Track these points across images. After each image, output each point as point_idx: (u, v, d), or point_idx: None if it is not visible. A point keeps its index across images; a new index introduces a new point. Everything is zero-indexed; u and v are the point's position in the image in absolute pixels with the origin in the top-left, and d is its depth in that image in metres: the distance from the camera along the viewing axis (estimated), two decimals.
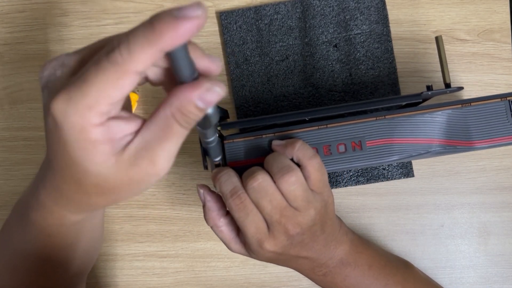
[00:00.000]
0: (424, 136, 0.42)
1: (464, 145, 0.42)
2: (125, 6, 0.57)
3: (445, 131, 0.42)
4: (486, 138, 0.42)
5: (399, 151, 0.42)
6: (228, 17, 0.56)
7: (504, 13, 0.56)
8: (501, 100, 0.42)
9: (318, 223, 0.41)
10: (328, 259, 0.44)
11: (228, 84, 0.56)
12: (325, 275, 0.45)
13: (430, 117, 0.42)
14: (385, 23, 0.55)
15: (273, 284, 0.57)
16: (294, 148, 0.39)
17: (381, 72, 0.55)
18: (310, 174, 0.39)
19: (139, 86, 0.57)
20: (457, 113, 0.42)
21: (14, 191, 0.57)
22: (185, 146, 0.57)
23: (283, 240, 0.40)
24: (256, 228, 0.39)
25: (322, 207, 0.41)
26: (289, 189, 0.38)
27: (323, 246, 0.43)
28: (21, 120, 0.57)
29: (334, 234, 0.43)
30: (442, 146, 0.42)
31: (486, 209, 0.56)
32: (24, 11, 0.57)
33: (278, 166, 0.39)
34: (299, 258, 0.43)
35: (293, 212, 0.39)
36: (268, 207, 0.38)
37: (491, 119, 0.42)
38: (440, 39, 0.44)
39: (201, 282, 0.57)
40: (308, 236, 0.41)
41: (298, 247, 0.41)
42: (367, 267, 0.46)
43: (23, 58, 0.57)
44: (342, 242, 0.45)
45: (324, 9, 0.55)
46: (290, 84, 0.56)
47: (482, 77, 0.56)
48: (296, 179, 0.38)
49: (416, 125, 0.42)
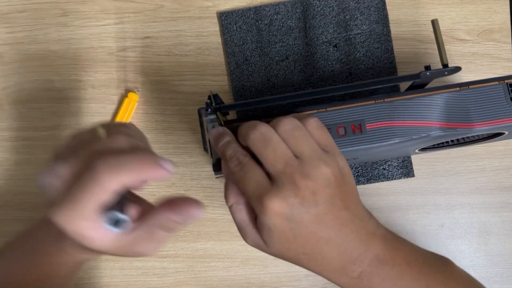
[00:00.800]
0: (424, 119, 0.42)
1: (464, 127, 0.42)
2: (125, 6, 0.57)
3: (444, 114, 0.42)
4: (485, 120, 0.42)
5: (400, 134, 0.42)
6: (228, 18, 0.56)
7: (504, 13, 0.56)
8: (499, 83, 0.42)
9: (335, 188, 0.35)
10: (361, 253, 0.37)
11: (228, 84, 0.57)
12: (361, 277, 0.37)
13: (429, 100, 0.42)
14: (385, 23, 0.55)
15: (273, 284, 0.57)
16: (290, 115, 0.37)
17: (381, 72, 0.55)
18: (311, 132, 0.36)
19: (138, 87, 0.57)
20: (455, 96, 0.42)
21: (14, 191, 0.57)
22: (185, 146, 0.57)
23: (290, 195, 0.34)
24: (256, 183, 0.35)
25: (337, 170, 0.35)
26: (289, 134, 0.35)
27: (352, 232, 0.36)
28: (21, 120, 0.57)
29: (363, 220, 0.37)
30: (442, 129, 0.42)
31: (486, 209, 0.56)
32: (24, 11, 0.57)
33: (278, 118, 0.37)
34: (322, 240, 0.36)
35: (299, 162, 0.35)
36: (270, 156, 0.35)
37: (489, 102, 0.42)
38: (436, 22, 0.44)
39: (201, 282, 0.57)
40: (324, 201, 0.35)
41: (314, 215, 0.35)
42: (405, 265, 0.39)
43: (23, 58, 0.57)
44: (375, 235, 0.38)
45: (324, 9, 0.55)
46: (290, 84, 0.56)
47: (482, 77, 0.56)
48: (297, 124, 0.36)
49: (416, 108, 0.42)
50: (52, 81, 0.57)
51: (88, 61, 0.57)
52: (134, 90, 0.57)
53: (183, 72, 0.57)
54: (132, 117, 0.57)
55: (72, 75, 0.57)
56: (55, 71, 0.57)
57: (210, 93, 0.44)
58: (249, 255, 0.57)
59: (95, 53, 0.57)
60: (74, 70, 0.57)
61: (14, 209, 0.57)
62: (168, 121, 0.57)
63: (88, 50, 0.57)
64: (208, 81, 0.57)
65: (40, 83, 0.57)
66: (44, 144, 0.57)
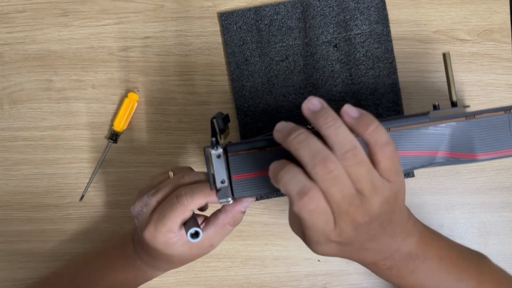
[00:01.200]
0: (427, 148, 0.41)
1: (467, 157, 0.42)
2: (125, 6, 0.57)
3: (448, 143, 0.42)
4: (488, 151, 0.41)
5: (403, 163, 0.41)
6: (228, 18, 0.56)
7: (504, 13, 0.56)
8: (505, 113, 0.42)
9: (386, 213, 0.37)
10: (394, 251, 0.40)
11: (228, 84, 0.57)
12: (390, 268, 0.41)
13: (434, 130, 0.41)
14: (385, 23, 0.55)
15: (273, 284, 0.57)
16: (367, 130, 0.35)
17: (381, 72, 0.55)
18: (379, 162, 0.35)
19: (139, 87, 0.57)
20: (461, 126, 0.41)
21: (14, 191, 0.57)
22: (186, 146, 0.57)
23: (349, 231, 0.36)
24: (325, 224, 0.36)
25: (391, 196, 0.37)
26: (354, 170, 0.34)
27: (390, 237, 0.39)
28: (21, 120, 0.57)
29: (402, 225, 0.40)
30: (445, 158, 0.42)
31: (486, 209, 0.56)
32: (24, 11, 0.57)
33: (340, 142, 0.35)
34: (363, 250, 0.39)
35: (361, 199, 0.35)
36: (338, 196, 0.34)
37: (494, 132, 0.41)
38: (447, 56, 0.43)
39: (201, 282, 0.57)
40: (375, 227, 0.37)
41: (363, 238, 0.38)
42: (437, 260, 0.42)
43: (23, 58, 0.57)
44: (411, 233, 0.41)
45: (324, 9, 0.55)
46: (290, 84, 0.56)
47: (482, 77, 0.56)
48: (362, 160, 0.35)
49: (420, 137, 0.41)
50: (52, 81, 0.57)
51: (88, 61, 0.57)
52: (134, 90, 0.57)
53: (183, 72, 0.57)
54: (132, 117, 0.57)
55: (72, 75, 0.57)
56: (55, 71, 0.57)
57: (213, 119, 0.43)
58: (249, 255, 0.57)
59: (95, 53, 0.57)
60: (74, 70, 0.57)
61: (14, 209, 0.57)
62: (168, 121, 0.57)
63: (88, 50, 0.57)
64: (208, 81, 0.57)
65: (40, 83, 0.57)
66: (44, 144, 0.57)
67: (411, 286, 0.43)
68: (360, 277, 0.57)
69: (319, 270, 0.57)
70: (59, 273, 0.54)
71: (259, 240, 0.57)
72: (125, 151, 0.57)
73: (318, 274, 0.57)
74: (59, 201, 0.57)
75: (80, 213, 0.58)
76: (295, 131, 0.36)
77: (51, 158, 0.57)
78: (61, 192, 0.57)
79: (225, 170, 0.40)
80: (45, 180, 0.57)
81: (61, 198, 0.58)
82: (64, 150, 0.57)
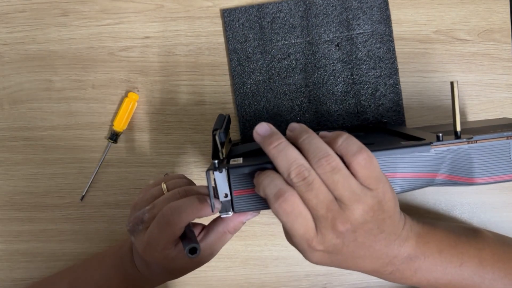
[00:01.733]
0: (427, 171, 0.41)
1: (465, 181, 0.42)
2: (125, 6, 0.57)
3: (448, 166, 0.42)
4: (487, 176, 0.41)
5: (401, 185, 0.41)
6: (231, 15, 0.56)
7: (504, 13, 0.56)
8: (507, 139, 0.41)
9: (373, 221, 0.37)
10: (392, 257, 0.41)
11: (229, 84, 0.57)
12: (393, 273, 0.42)
13: (435, 153, 0.41)
14: (388, 23, 0.55)
15: (273, 284, 0.57)
16: (337, 143, 0.37)
17: (383, 72, 0.55)
18: (356, 171, 0.36)
19: (139, 87, 0.57)
20: (462, 150, 0.41)
21: (14, 191, 0.57)
22: (185, 146, 0.57)
23: (332, 238, 0.37)
24: (305, 229, 0.37)
25: (375, 204, 0.37)
26: (329, 177, 0.36)
27: (385, 246, 0.40)
28: (21, 120, 0.57)
29: (396, 233, 0.40)
30: (443, 181, 0.42)
31: (486, 209, 0.56)
32: (24, 11, 0.57)
33: (314, 151, 0.36)
34: (356, 258, 0.40)
35: (341, 206, 0.36)
36: (313, 201, 0.36)
37: (494, 157, 0.41)
38: (455, 85, 0.42)
39: (201, 282, 0.57)
40: (362, 235, 0.38)
41: (352, 247, 0.38)
42: (437, 254, 0.42)
43: (23, 58, 0.57)
44: (407, 238, 0.41)
45: (327, 8, 0.55)
46: (291, 82, 0.56)
47: (482, 77, 0.56)
48: (336, 167, 0.36)
49: (421, 160, 0.41)
50: (52, 81, 0.57)
51: (88, 61, 0.57)
52: (134, 90, 0.57)
53: (183, 72, 0.57)
54: (132, 117, 0.57)
55: (72, 75, 0.57)
56: (55, 71, 0.57)
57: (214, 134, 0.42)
58: (249, 255, 0.57)
59: (95, 53, 0.57)
60: (74, 70, 0.57)
61: (14, 209, 0.57)
62: (168, 121, 0.57)
63: (88, 50, 0.57)
64: (208, 81, 0.57)
65: (40, 83, 0.57)
66: (44, 144, 0.57)
67: (416, 283, 0.43)
68: (360, 277, 0.57)
69: (319, 270, 0.57)
70: (58, 276, 0.54)
71: (259, 240, 0.57)
72: (125, 151, 0.57)
73: (318, 274, 0.57)
74: (59, 201, 0.57)
75: (80, 213, 0.57)
76: (276, 140, 0.37)
77: (51, 158, 0.57)
78: (61, 192, 0.57)
79: (227, 185, 0.40)
80: (45, 180, 0.57)
81: (61, 198, 0.57)
82: (64, 150, 0.57)
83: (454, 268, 0.43)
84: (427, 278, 0.43)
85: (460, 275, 0.43)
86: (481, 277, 0.43)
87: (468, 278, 0.43)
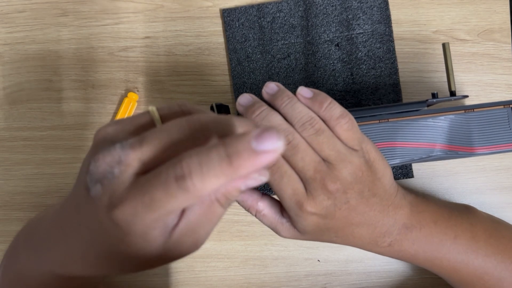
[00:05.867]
0: (426, 140, 0.42)
1: (465, 150, 0.42)
2: (125, 6, 0.57)
3: (447, 136, 0.42)
4: (487, 145, 0.42)
5: (401, 155, 0.42)
6: (231, 14, 0.56)
7: (504, 13, 0.56)
8: (504, 107, 0.42)
9: (362, 182, 0.38)
10: (389, 226, 0.41)
11: (229, 84, 0.57)
12: (391, 245, 0.42)
13: (433, 122, 0.42)
14: (388, 23, 0.55)
15: (273, 284, 0.57)
16: (321, 108, 0.38)
17: (383, 72, 0.55)
18: (339, 134, 0.37)
19: (139, 87, 0.57)
20: (459, 119, 0.42)
21: (14, 191, 0.57)
22: None
23: (324, 199, 0.37)
24: (292, 190, 0.37)
25: (362, 164, 0.38)
26: (314, 139, 0.37)
27: (380, 212, 0.40)
28: (21, 120, 0.57)
29: (390, 198, 0.40)
30: (443, 151, 0.42)
31: (486, 209, 0.56)
32: (24, 11, 0.57)
33: (297, 116, 0.37)
34: (352, 226, 0.40)
35: (328, 166, 0.37)
36: (300, 164, 0.37)
37: (493, 126, 0.42)
38: (447, 46, 0.44)
39: (201, 282, 0.57)
40: (354, 197, 0.38)
41: (345, 210, 0.38)
42: (432, 224, 0.43)
43: (23, 58, 0.57)
44: (401, 206, 0.41)
45: (327, 8, 0.56)
46: (291, 82, 0.56)
47: (482, 77, 0.56)
48: (320, 128, 0.37)
49: (419, 129, 0.42)
50: (52, 81, 0.57)
51: (88, 61, 0.57)
52: (134, 90, 0.57)
53: (183, 72, 0.57)
54: None
55: (72, 75, 0.57)
56: (55, 71, 0.57)
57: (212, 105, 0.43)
58: (249, 255, 0.57)
59: (95, 53, 0.57)
60: (74, 70, 0.57)
61: (14, 209, 0.57)
62: None
63: (88, 50, 0.57)
64: (208, 81, 0.57)
65: (40, 83, 0.57)
66: (44, 144, 0.57)
67: (412, 256, 0.43)
68: (360, 277, 0.57)
69: (319, 270, 0.57)
70: None
71: (259, 240, 0.57)
72: None
73: (318, 274, 0.57)
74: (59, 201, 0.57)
75: None
76: (258, 109, 0.38)
77: (51, 158, 0.57)
78: (61, 192, 0.57)
79: None
80: (45, 180, 0.57)
81: (61, 198, 0.57)
82: (64, 150, 0.57)
83: (449, 240, 0.43)
84: (424, 250, 0.43)
85: (454, 249, 0.43)
86: (475, 252, 0.43)
87: (462, 253, 0.43)
